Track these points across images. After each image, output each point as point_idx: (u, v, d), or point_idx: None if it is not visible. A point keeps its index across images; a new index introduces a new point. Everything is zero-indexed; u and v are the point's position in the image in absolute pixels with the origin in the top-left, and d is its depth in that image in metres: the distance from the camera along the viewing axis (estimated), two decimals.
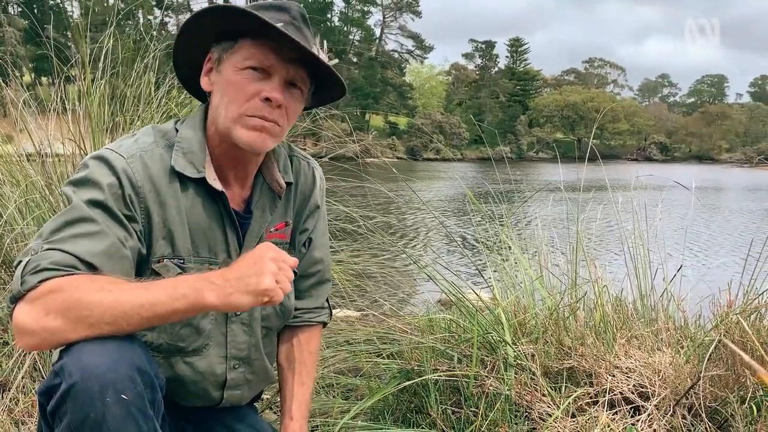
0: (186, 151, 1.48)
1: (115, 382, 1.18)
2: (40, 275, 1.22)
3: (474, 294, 2.73)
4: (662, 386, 2.04)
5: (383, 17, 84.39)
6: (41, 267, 1.23)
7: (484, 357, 2.29)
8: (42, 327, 1.20)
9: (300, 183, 1.71)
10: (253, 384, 1.72)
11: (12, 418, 2.43)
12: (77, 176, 1.38)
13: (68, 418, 1.19)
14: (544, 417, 2.04)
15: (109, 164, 1.38)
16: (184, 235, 1.47)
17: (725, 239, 13.09)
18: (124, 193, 1.37)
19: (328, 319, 1.87)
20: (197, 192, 1.49)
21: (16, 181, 3.34)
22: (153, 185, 1.42)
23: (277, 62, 1.43)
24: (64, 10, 59.16)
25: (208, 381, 1.60)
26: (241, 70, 1.42)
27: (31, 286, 1.21)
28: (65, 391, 1.18)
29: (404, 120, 75.18)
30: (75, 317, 1.19)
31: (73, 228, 1.29)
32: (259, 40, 1.42)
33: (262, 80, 1.43)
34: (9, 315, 1.25)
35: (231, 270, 1.27)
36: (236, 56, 1.43)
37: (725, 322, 2.19)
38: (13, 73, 4.13)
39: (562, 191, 3.26)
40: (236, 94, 1.43)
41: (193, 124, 1.52)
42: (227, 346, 1.60)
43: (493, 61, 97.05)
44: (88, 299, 1.20)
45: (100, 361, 1.19)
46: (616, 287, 2.67)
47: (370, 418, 2.38)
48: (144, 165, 1.42)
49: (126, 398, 1.19)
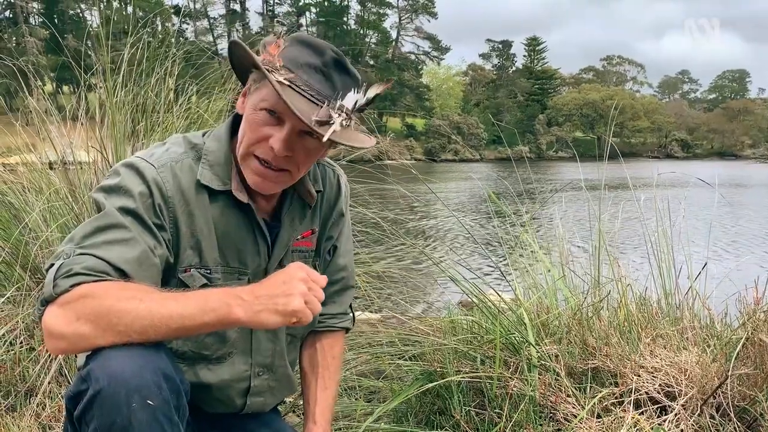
0: (212, 164, 1.48)
1: (141, 388, 1.20)
2: (72, 279, 1.23)
3: (496, 295, 2.71)
4: (689, 386, 2.01)
5: (399, 19, 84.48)
6: (74, 271, 1.24)
7: (508, 358, 2.27)
8: (72, 331, 1.21)
9: (326, 191, 1.71)
10: (276, 391, 1.73)
11: (39, 423, 2.46)
12: (108, 183, 1.39)
13: (95, 424, 1.20)
14: (569, 418, 2.02)
15: (140, 173, 1.39)
16: (211, 246, 1.48)
17: (751, 236, 12.91)
18: (154, 203, 1.38)
19: (351, 325, 1.88)
20: (226, 203, 1.50)
21: (39, 189, 3.38)
22: (182, 195, 1.43)
23: (287, 113, 1.38)
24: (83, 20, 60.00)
25: (231, 388, 1.61)
26: (258, 110, 1.41)
27: (63, 289, 1.22)
28: (92, 396, 1.20)
29: (422, 121, 75.11)
30: (105, 324, 1.20)
31: (106, 234, 1.31)
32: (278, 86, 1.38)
33: (275, 126, 1.41)
34: (39, 317, 1.26)
35: (261, 287, 1.28)
36: (258, 94, 1.42)
37: (752, 320, 2.16)
38: (35, 82, 4.19)
39: (584, 189, 3.24)
40: (251, 132, 1.43)
41: (219, 137, 1.53)
42: (252, 353, 1.61)
43: (510, 61, 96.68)
44: (119, 307, 1.21)
45: (127, 367, 1.20)
46: (640, 286, 2.63)
47: (393, 420, 2.38)
48: (174, 175, 1.43)
49: (152, 404, 1.20)
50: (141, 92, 3.53)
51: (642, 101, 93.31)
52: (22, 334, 2.81)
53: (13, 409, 2.55)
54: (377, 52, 79.73)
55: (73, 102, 3.77)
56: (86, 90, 3.73)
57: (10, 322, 2.79)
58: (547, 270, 2.82)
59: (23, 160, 3.68)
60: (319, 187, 1.67)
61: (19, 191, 3.42)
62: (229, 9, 76.86)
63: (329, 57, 1.42)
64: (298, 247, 1.66)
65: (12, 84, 4.10)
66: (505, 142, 5.53)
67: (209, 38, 73.63)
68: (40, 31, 52.11)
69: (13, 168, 3.72)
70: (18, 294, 2.93)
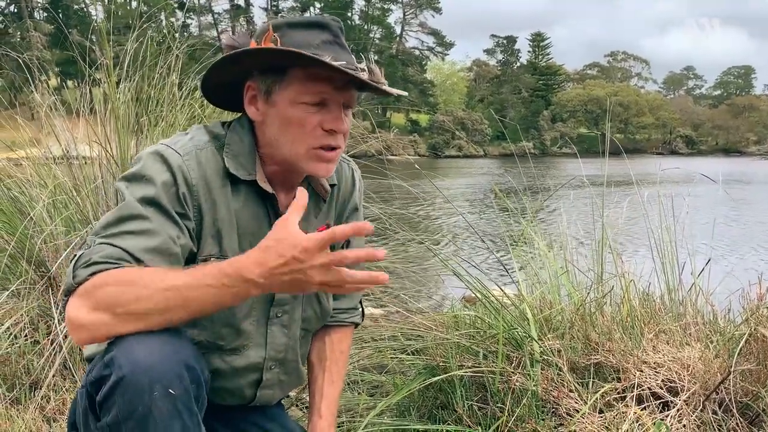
0: (236, 154, 1.48)
1: (163, 377, 1.20)
2: (90, 269, 1.23)
3: (499, 290, 2.72)
4: (691, 381, 2.01)
5: (403, 14, 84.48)
6: (92, 261, 1.24)
7: (510, 353, 2.28)
8: (91, 320, 1.21)
9: (341, 185, 1.71)
10: (285, 385, 1.73)
11: (44, 415, 2.48)
12: (131, 171, 1.38)
13: (116, 410, 1.20)
14: (571, 413, 2.02)
15: (165, 160, 1.38)
16: (231, 236, 1.48)
17: (755, 232, 12.88)
18: (178, 191, 1.37)
19: (360, 320, 1.88)
20: (248, 194, 1.49)
21: (44, 183, 3.39)
22: (206, 183, 1.43)
23: (332, 92, 1.41)
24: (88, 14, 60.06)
25: (243, 379, 1.61)
26: (298, 104, 1.41)
27: (82, 279, 1.22)
28: (114, 382, 1.20)
29: (426, 117, 75.04)
30: (123, 311, 1.20)
31: (126, 225, 1.30)
32: (310, 70, 1.39)
33: (320, 111, 1.42)
34: (63, 309, 1.26)
35: (272, 264, 1.24)
36: (290, 90, 1.41)
37: (755, 316, 2.16)
38: (39, 77, 4.19)
39: (587, 186, 3.23)
40: (299, 131, 1.42)
41: (240, 132, 1.51)
42: (266, 347, 1.61)
43: (514, 57, 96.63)
44: (135, 293, 1.21)
45: (150, 355, 1.20)
46: (643, 282, 2.63)
47: (396, 415, 2.39)
48: (199, 163, 1.42)
49: (173, 393, 1.20)
50: (145, 87, 3.53)
51: (647, 97, 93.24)
52: (27, 327, 2.82)
53: (17, 402, 2.56)
54: (381, 47, 79.67)
55: (78, 97, 3.78)
56: (91, 85, 3.74)
57: (14, 315, 2.80)
58: (551, 265, 2.82)
59: (28, 155, 3.69)
60: (334, 181, 1.67)
61: (24, 185, 3.43)
62: (234, 4, 76.87)
63: (336, 28, 1.44)
64: None
65: (17, 79, 4.12)
66: (508, 138, 5.52)
67: (213, 33, 73.65)
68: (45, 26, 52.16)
69: (18, 162, 3.74)
70: (22, 287, 2.94)
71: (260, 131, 1.49)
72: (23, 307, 2.85)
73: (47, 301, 2.88)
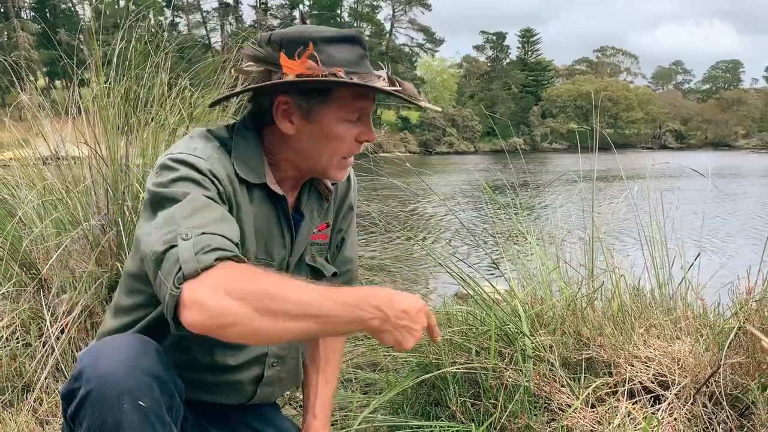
0: (245, 159, 1.47)
1: (131, 389, 1.21)
2: (214, 254, 1.18)
3: (490, 286, 2.72)
4: (682, 375, 2.03)
5: (393, 11, 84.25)
6: (212, 246, 1.19)
7: (502, 349, 2.29)
8: (218, 305, 1.14)
9: (338, 184, 1.72)
10: (284, 383, 1.73)
11: (36, 418, 2.47)
12: (170, 177, 1.34)
13: (87, 423, 1.23)
14: (563, 408, 2.03)
15: (194, 167, 1.36)
16: (251, 237, 1.49)
17: (744, 226, 12.96)
18: (218, 190, 1.37)
19: None
20: (260, 196, 1.50)
21: (33, 184, 3.37)
22: (231, 185, 1.43)
23: (368, 106, 1.48)
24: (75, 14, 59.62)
25: (245, 374, 1.60)
26: (343, 121, 1.44)
27: (208, 264, 1.16)
28: (84, 396, 1.22)
29: (416, 114, 75.00)
30: (256, 304, 1.15)
31: (206, 213, 1.27)
32: (356, 90, 1.43)
33: (356, 124, 1.47)
34: (175, 299, 1.16)
35: (400, 307, 1.25)
36: (336, 110, 1.43)
37: (744, 310, 2.17)
38: (27, 77, 4.16)
39: (578, 181, 3.24)
40: (339, 144, 1.47)
41: (247, 137, 1.51)
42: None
43: (504, 53, 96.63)
44: (272, 291, 1.17)
45: (118, 368, 1.22)
46: (634, 277, 2.65)
47: (390, 412, 2.39)
48: (222, 166, 1.42)
49: (143, 405, 1.22)
50: (133, 86, 3.51)
51: (636, 92, 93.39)
52: (18, 329, 2.81)
53: (10, 405, 2.55)
54: (371, 44, 78.83)
55: (66, 97, 3.75)
56: (79, 85, 3.71)
57: (5, 317, 2.79)
58: (542, 261, 2.83)
59: (16, 156, 3.67)
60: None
61: (12, 187, 3.41)
62: (222, 2, 76.49)
63: (364, 41, 1.47)
64: (316, 241, 1.67)
65: (3, 79, 4.09)
66: (499, 134, 5.53)
67: (202, 31, 73.34)
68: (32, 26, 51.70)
69: (6, 164, 3.72)
70: (13, 289, 2.92)
71: (285, 142, 1.49)
72: (14, 310, 2.83)
73: (38, 303, 2.86)
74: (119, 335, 1.44)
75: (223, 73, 3.80)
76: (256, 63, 1.44)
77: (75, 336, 2.78)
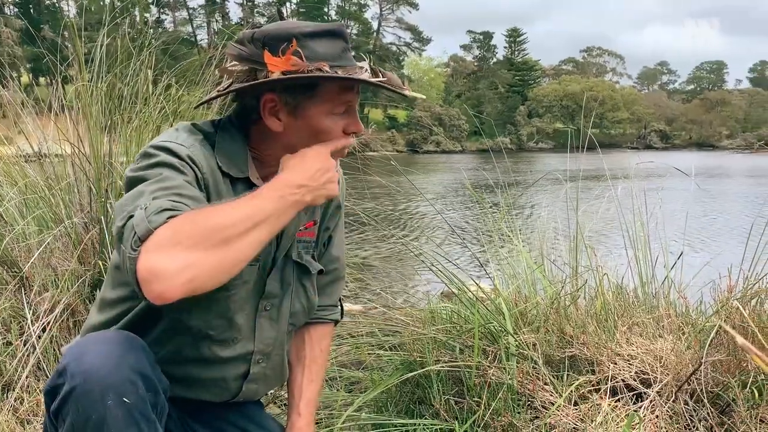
0: (227, 153, 1.47)
1: (116, 385, 1.21)
2: (165, 214, 1.18)
3: (475, 285, 2.73)
4: (664, 373, 2.05)
5: (380, 10, 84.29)
6: (164, 208, 1.19)
7: (486, 347, 2.29)
8: (176, 263, 1.14)
9: None
10: (270, 380, 1.72)
11: (17, 417, 2.44)
12: (146, 162, 1.35)
13: (70, 419, 1.22)
14: (546, 405, 2.04)
15: (175, 153, 1.37)
16: None
17: (726, 225, 13.08)
18: (196, 176, 1.38)
19: (340, 317, 1.88)
20: (243, 190, 1.49)
21: (14, 182, 3.34)
22: (213, 175, 1.43)
23: (354, 98, 1.49)
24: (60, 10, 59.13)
25: (230, 370, 1.59)
26: (331, 115, 1.46)
27: (160, 223, 1.16)
28: (67, 392, 1.21)
29: (403, 113, 75.08)
30: (216, 239, 1.17)
31: (169, 184, 1.29)
32: (342, 84, 1.44)
33: (343, 116, 1.48)
34: (132, 267, 1.15)
35: (306, 174, 1.36)
36: (323, 104, 1.44)
37: (725, 308, 2.19)
38: (10, 74, 4.12)
39: (564, 180, 3.26)
40: (328, 138, 1.47)
41: (232, 132, 1.51)
42: (255, 340, 1.60)
43: (491, 52, 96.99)
44: (219, 221, 1.19)
45: (102, 364, 1.21)
46: (617, 275, 2.67)
47: (374, 410, 2.39)
48: (203, 155, 1.42)
49: (128, 402, 1.21)
50: (117, 83, 3.49)
51: (621, 92, 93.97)
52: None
53: None
54: (358, 43, 79.38)
55: (49, 94, 3.72)
56: (62, 82, 3.68)
57: None
58: (526, 260, 2.84)
59: None
60: None
61: None
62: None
63: (346, 34, 1.48)
64: (302, 238, 1.67)
65: None
66: (484, 134, 5.55)
67: (188, 29, 72.98)
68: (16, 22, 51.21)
69: None
70: None
71: (273, 138, 1.49)
72: None
73: (20, 301, 2.83)
74: (104, 331, 1.43)
75: (208, 70, 3.78)
76: (241, 62, 1.43)
77: (57, 335, 2.75)
